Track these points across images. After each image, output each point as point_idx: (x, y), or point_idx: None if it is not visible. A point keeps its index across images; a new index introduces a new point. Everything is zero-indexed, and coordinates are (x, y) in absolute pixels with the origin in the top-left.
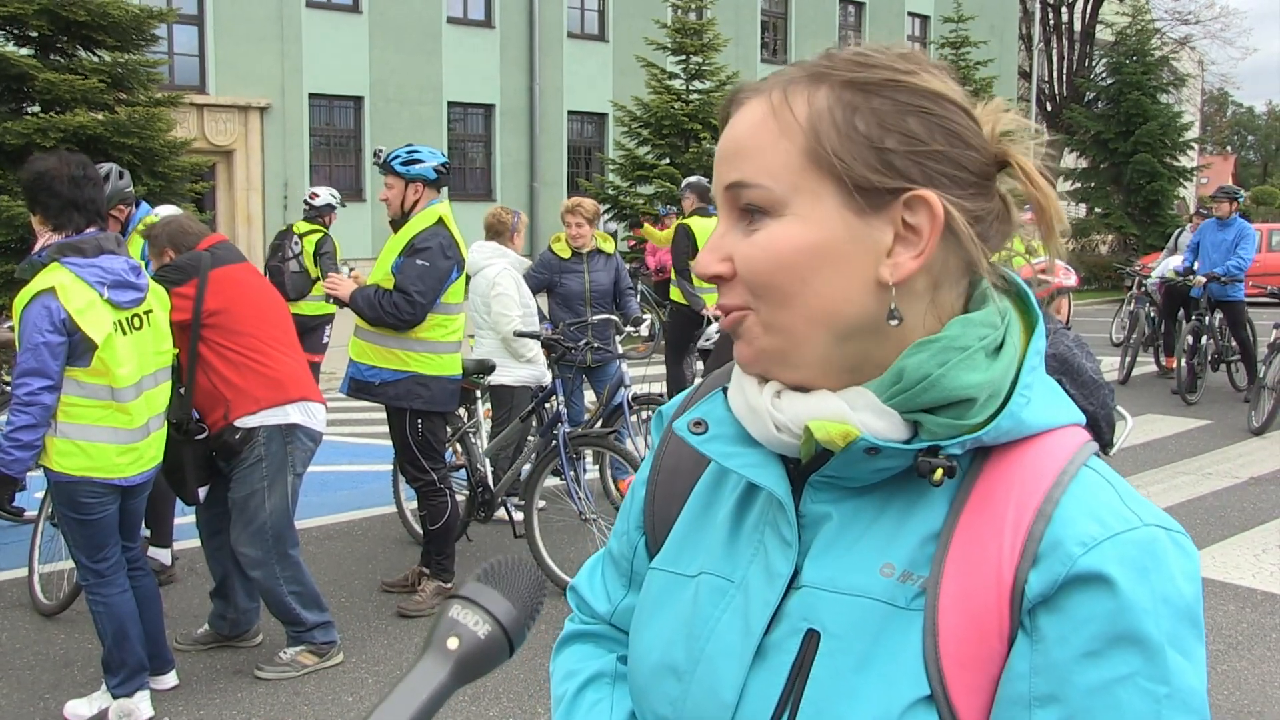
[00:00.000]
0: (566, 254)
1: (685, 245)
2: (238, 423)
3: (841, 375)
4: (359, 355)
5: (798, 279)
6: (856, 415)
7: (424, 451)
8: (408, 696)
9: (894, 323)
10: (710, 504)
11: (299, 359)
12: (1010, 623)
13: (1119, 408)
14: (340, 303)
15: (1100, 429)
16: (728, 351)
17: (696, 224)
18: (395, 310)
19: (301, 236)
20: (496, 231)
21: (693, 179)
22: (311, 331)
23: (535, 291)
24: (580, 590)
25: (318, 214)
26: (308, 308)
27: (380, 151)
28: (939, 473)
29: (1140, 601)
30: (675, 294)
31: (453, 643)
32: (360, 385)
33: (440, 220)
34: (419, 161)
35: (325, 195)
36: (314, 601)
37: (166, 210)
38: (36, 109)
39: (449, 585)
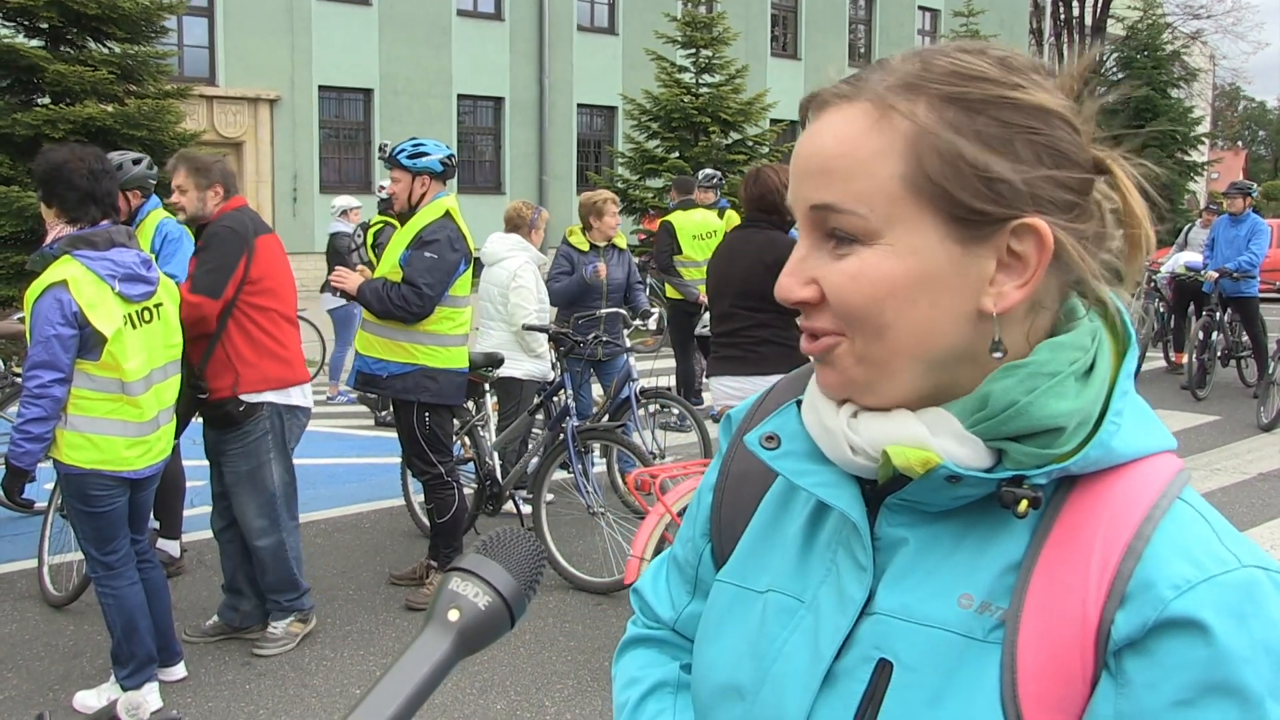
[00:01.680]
0: (585, 247)
1: (667, 242)
2: (244, 397)
3: (924, 400)
4: (366, 349)
5: (893, 311)
6: (937, 441)
7: (431, 445)
8: (411, 668)
9: (997, 355)
10: (780, 516)
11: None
12: (1094, 663)
13: None
14: (347, 296)
15: None
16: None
17: (678, 219)
18: (404, 303)
19: (367, 228)
20: (516, 225)
21: (706, 170)
22: None
23: (571, 295)
24: (644, 594)
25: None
26: None
27: (385, 146)
28: (1024, 504)
29: (1238, 650)
30: (670, 290)
31: (453, 614)
32: (368, 379)
33: (447, 213)
34: (424, 154)
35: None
36: (301, 566)
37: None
38: (46, 101)
39: None
